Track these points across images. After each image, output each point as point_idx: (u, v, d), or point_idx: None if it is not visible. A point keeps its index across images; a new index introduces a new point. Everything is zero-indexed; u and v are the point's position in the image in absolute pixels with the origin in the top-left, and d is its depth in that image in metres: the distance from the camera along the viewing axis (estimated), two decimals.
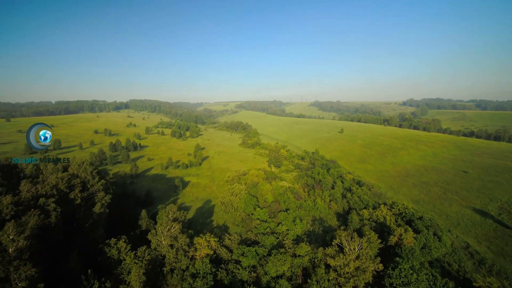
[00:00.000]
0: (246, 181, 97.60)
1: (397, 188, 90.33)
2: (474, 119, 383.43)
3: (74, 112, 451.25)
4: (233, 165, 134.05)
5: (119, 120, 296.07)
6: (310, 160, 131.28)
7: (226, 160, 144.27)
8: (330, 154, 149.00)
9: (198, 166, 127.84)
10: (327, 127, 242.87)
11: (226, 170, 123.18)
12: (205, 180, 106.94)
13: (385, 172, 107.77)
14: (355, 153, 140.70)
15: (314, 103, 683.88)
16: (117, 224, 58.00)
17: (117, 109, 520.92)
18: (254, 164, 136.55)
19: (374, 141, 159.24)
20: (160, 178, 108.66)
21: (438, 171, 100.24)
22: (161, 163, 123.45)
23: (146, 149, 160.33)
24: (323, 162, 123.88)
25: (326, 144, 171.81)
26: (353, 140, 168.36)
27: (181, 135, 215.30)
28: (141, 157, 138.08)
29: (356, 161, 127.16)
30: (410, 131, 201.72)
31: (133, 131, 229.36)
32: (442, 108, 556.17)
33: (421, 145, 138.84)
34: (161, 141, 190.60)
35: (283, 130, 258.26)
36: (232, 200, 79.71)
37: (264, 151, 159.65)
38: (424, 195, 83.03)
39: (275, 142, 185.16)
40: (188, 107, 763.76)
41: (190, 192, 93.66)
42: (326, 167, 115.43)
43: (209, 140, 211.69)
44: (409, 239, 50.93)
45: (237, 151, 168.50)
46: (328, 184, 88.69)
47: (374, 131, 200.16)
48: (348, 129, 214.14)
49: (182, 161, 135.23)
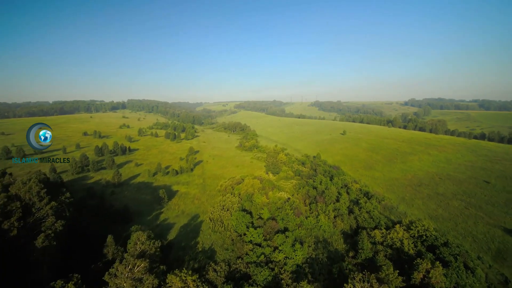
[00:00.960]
0: (240, 191, 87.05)
1: (410, 201, 79.74)
2: (479, 120, 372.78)
3: (69, 112, 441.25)
4: (228, 171, 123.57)
5: (113, 121, 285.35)
6: (311, 166, 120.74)
7: (221, 165, 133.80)
8: (333, 158, 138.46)
9: (190, 172, 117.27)
10: (328, 129, 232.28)
11: (219, 177, 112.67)
12: (195, 189, 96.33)
13: (394, 180, 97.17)
14: (360, 157, 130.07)
15: (314, 103, 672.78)
16: (77, 252, 47.62)
17: (114, 109, 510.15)
18: (251, 169, 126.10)
19: (379, 144, 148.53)
20: (145, 187, 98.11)
21: (455, 180, 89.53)
22: (149, 170, 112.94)
23: (136, 152, 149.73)
24: (325, 168, 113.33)
25: (328, 147, 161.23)
26: (357, 143, 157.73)
27: (175, 137, 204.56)
28: (129, 162, 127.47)
29: (361, 167, 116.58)
30: (416, 133, 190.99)
31: (126, 132, 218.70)
32: (445, 108, 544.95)
33: (432, 149, 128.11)
34: (154, 144, 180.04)
35: (282, 131, 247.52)
36: (223, 216, 69.17)
37: (261, 155, 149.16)
38: (442, 209, 72.43)
39: (274, 145, 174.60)
40: (187, 107, 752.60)
41: (176, 204, 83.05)
42: (329, 174, 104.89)
43: (204, 143, 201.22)
44: (438, 277, 40.52)
45: (233, 155, 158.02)
46: (332, 195, 78.12)
47: (379, 133, 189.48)
48: (350, 131, 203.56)
49: (173, 166, 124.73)
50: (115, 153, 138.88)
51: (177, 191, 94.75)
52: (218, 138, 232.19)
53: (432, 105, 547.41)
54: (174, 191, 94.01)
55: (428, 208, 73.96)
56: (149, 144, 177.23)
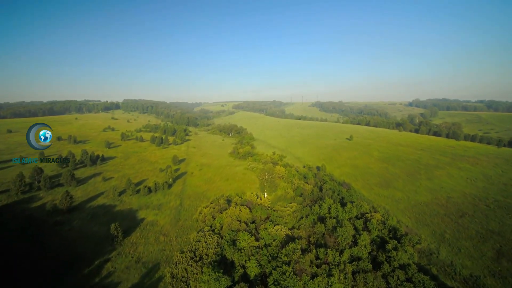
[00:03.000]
0: (223, 222, 65.78)
1: (453, 241, 58.27)
2: (491, 122, 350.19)
3: (59, 113, 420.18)
4: (214, 187, 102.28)
5: (98, 123, 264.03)
6: (315, 182, 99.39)
7: (207, 178, 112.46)
8: (340, 170, 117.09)
9: (167, 189, 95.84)
10: (332, 132, 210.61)
11: (202, 197, 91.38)
12: (166, 217, 74.80)
13: (423, 205, 75.67)
14: (373, 170, 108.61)
15: (315, 104, 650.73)
16: None
17: (107, 110, 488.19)
18: (243, 184, 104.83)
19: (395, 153, 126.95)
20: (104, 214, 76.71)
21: (509, 210, 67.91)
22: (115, 187, 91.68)
23: (110, 162, 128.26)
24: (333, 186, 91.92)
25: (334, 155, 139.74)
26: (367, 151, 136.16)
27: (162, 142, 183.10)
28: (96, 176, 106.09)
29: (377, 184, 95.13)
30: (434, 139, 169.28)
31: (107, 136, 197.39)
32: (451, 109, 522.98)
33: (461, 161, 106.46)
34: (135, 150, 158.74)
35: (281, 135, 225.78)
36: (190, 273, 47.86)
37: (256, 165, 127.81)
38: (509, 262, 50.80)
39: (271, 152, 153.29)
40: (185, 107, 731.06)
41: (133, 244, 61.57)
42: (338, 195, 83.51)
43: (194, 148, 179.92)
44: None
45: (224, 164, 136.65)
46: (347, 235, 56.73)
47: (390, 139, 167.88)
48: (357, 135, 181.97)
49: (148, 181, 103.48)
50: (82, 163, 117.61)
51: (143, 219, 73.33)
52: (212, 142, 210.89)
53: (437, 105, 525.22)
54: (139, 220, 72.60)
55: (486, 260, 52.30)
56: (130, 151, 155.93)
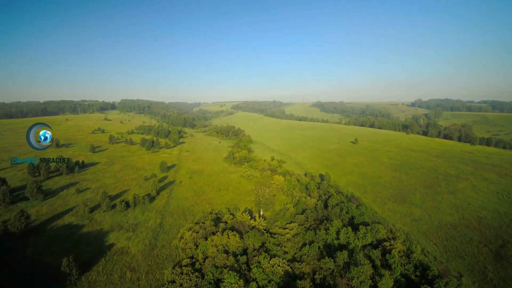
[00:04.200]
0: (206, 253, 53.25)
1: (499, 283, 45.64)
2: (499, 123, 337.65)
3: (53, 113, 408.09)
4: (204, 200, 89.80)
5: (89, 124, 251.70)
6: (318, 194, 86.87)
7: (197, 188, 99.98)
8: (346, 179, 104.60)
9: (148, 203, 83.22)
10: (335, 134, 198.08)
11: (188, 213, 78.87)
12: (140, 243, 62.01)
13: (450, 227, 63.08)
14: (384, 180, 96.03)
15: (315, 104, 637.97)
16: None
17: (102, 110, 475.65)
18: (236, 196, 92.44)
19: (406, 159, 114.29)
20: (66, 237, 64.05)
21: None
22: (89, 200, 79.21)
23: (91, 169, 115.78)
24: (339, 200, 79.33)
25: (338, 161, 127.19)
26: (375, 157, 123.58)
27: (153, 145, 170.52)
28: (70, 186, 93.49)
29: (390, 197, 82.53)
30: (446, 143, 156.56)
31: (95, 139, 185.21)
32: (455, 109, 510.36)
33: (485, 170, 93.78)
34: (122, 155, 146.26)
35: (281, 137, 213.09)
36: None
37: (253, 172, 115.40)
38: None
39: (270, 157, 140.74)
40: (184, 107, 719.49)
41: (93, 282, 48.92)
42: (347, 212, 70.91)
43: (188, 152, 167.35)
44: None
45: (218, 171, 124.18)
46: (364, 278, 44.11)
47: (399, 142, 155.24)
48: (362, 138, 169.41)
49: (129, 193, 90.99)
50: (58, 171, 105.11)
51: (112, 245, 60.64)
52: (207, 145, 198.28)
53: (441, 106, 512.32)
54: (106, 247, 59.93)
55: None
56: (116, 155, 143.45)
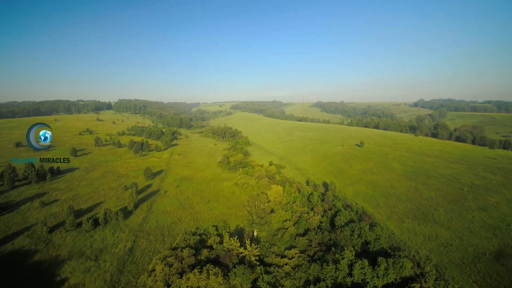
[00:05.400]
0: None
1: None
2: (508, 124, 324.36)
3: (46, 113, 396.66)
4: (189, 213, 77.18)
5: (78, 125, 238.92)
6: (323, 208, 74.07)
7: (183, 199, 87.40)
8: (354, 189, 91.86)
9: (123, 220, 70.48)
10: (338, 136, 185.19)
11: (167, 234, 66.15)
12: (99, 279, 48.97)
13: (489, 255, 50.33)
14: (398, 191, 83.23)
15: (316, 104, 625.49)
16: None
17: (97, 110, 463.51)
18: (227, 210, 79.83)
19: (421, 166, 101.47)
20: (13, 267, 51.30)
21: None
22: (52, 217, 66.52)
23: (67, 176, 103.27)
24: (349, 219, 66.51)
25: (343, 167, 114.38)
26: (385, 163, 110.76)
27: (142, 148, 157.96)
28: (35, 198, 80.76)
29: (408, 214, 69.76)
30: (462, 147, 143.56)
31: (80, 141, 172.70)
32: (459, 109, 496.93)
33: None
34: (107, 159, 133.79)
35: (280, 139, 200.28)
36: None
37: (248, 180, 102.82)
38: None
39: (268, 162, 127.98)
40: (183, 107, 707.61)
41: None
42: (360, 237, 58.07)
43: (179, 155, 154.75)
44: None
45: (209, 177, 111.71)
46: None
47: (411, 146, 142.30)
48: (369, 141, 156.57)
49: (104, 206, 78.30)
50: (26, 179, 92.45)
51: (63, 281, 47.75)
52: (202, 147, 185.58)
53: (445, 106, 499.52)
54: (56, 283, 47.05)
55: None
56: (99, 160, 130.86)
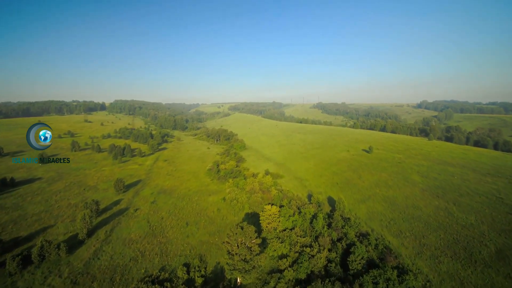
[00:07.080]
0: None
1: None
2: None
3: (36, 114, 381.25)
4: (158, 243, 59.85)
5: (61, 127, 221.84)
6: (330, 237, 56.67)
7: (155, 221, 70.09)
8: (367, 208, 74.51)
9: (66, 256, 53.08)
10: (342, 140, 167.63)
11: (118, 280, 48.59)
12: None
13: None
14: (424, 213, 65.85)
15: (317, 105, 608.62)
16: None
17: (90, 111, 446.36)
18: (208, 238, 62.59)
19: (447, 179, 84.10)
20: None
21: None
22: None
23: (22, 189, 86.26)
24: (367, 258, 49.14)
25: (352, 178, 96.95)
26: (401, 173, 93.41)
27: (123, 153, 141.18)
28: None
29: (443, 250, 52.38)
30: (487, 154, 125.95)
31: (56, 145, 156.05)
32: (465, 111, 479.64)
33: None
34: (79, 166, 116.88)
35: (279, 142, 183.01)
36: None
37: (239, 194, 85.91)
38: None
39: (264, 171, 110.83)
40: (182, 108, 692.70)
41: None
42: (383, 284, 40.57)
43: (165, 161, 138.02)
44: None
45: (194, 189, 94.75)
46: None
47: (428, 153, 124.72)
48: (377, 145, 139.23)
49: (48, 235, 60.95)
50: None
51: None
52: (193, 151, 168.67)
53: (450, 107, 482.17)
54: None
55: None
56: (70, 167, 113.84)
